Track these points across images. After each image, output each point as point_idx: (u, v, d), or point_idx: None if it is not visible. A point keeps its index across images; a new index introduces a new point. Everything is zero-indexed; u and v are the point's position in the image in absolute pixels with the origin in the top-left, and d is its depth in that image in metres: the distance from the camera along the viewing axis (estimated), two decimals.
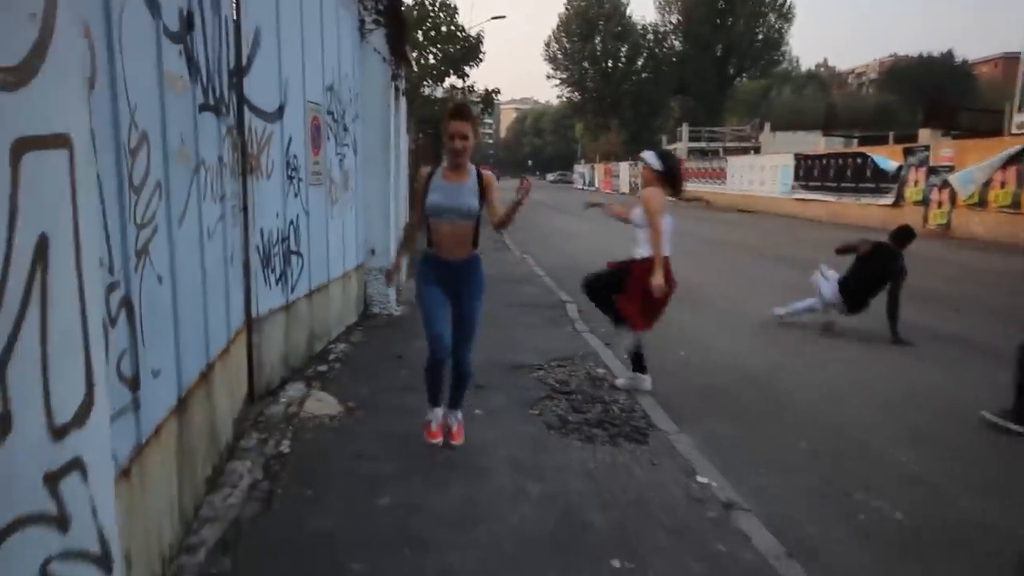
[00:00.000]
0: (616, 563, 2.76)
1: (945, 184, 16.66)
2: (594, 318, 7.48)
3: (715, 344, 6.62)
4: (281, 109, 4.72)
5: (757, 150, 39.95)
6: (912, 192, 18.07)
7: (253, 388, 4.35)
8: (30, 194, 1.19)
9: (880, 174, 19.29)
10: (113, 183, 2.07)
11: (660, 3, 63.29)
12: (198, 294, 3.01)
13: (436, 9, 31.45)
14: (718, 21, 60.58)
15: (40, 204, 1.22)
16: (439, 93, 29.72)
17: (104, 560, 1.42)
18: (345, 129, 6.42)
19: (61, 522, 1.26)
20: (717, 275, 10.64)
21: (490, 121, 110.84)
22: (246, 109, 4.15)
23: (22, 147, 1.18)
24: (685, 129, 49.07)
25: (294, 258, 5.04)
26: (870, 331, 6.84)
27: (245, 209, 4.12)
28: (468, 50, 31.21)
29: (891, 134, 27.71)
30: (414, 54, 25.69)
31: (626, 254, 4.98)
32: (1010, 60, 67.82)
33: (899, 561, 2.98)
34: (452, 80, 30.55)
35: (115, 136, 2.10)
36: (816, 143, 30.74)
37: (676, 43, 63.77)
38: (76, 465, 1.31)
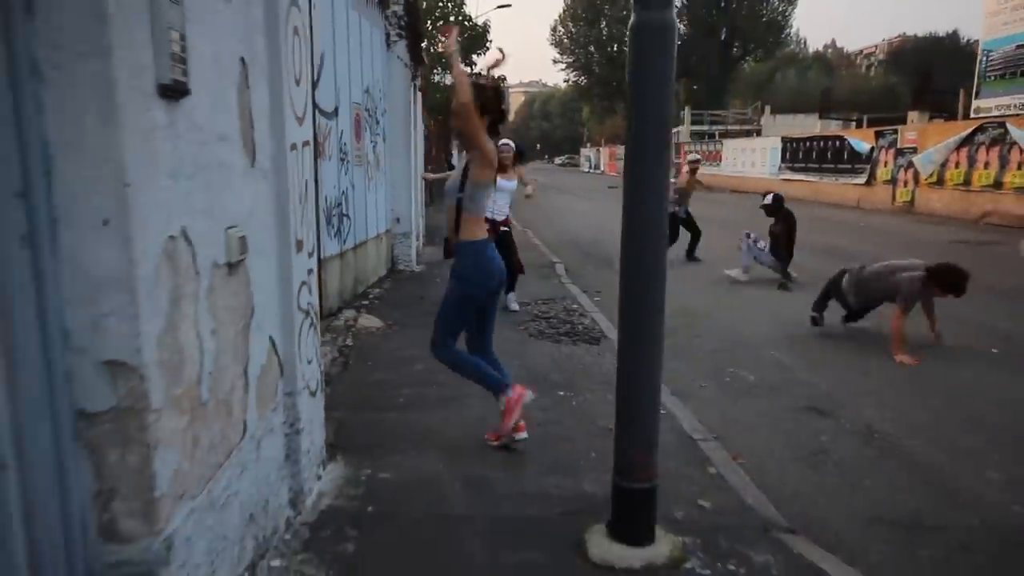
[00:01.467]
0: (562, 392, 4.56)
1: (910, 164, 18.27)
2: (577, 274, 9.29)
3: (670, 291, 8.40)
4: (336, 110, 6.49)
5: (759, 132, 41.18)
6: (882, 172, 19.68)
7: (321, 309, 6.16)
8: (297, 167, 2.94)
9: (855, 155, 20.91)
10: None
11: None
12: None
13: (444, 0, 33.12)
14: (722, 4, 61.18)
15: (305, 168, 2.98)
16: (448, 81, 31.40)
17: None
18: (377, 121, 8.19)
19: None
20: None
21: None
22: (316, 112, 5.94)
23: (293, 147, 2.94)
24: (687, 113, 50.39)
25: (345, 219, 6.83)
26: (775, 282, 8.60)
27: (316, 182, 5.91)
28: (475, 39, 32.91)
29: (865, 117, 29.21)
30: (424, 44, 27.44)
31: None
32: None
33: (737, 398, 4.76)
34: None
35: None
36: (813, 126, 32.15)
37: (681, 27, 64.35)
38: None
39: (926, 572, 2.74)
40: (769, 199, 8.91)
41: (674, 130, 31.69)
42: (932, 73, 32.36)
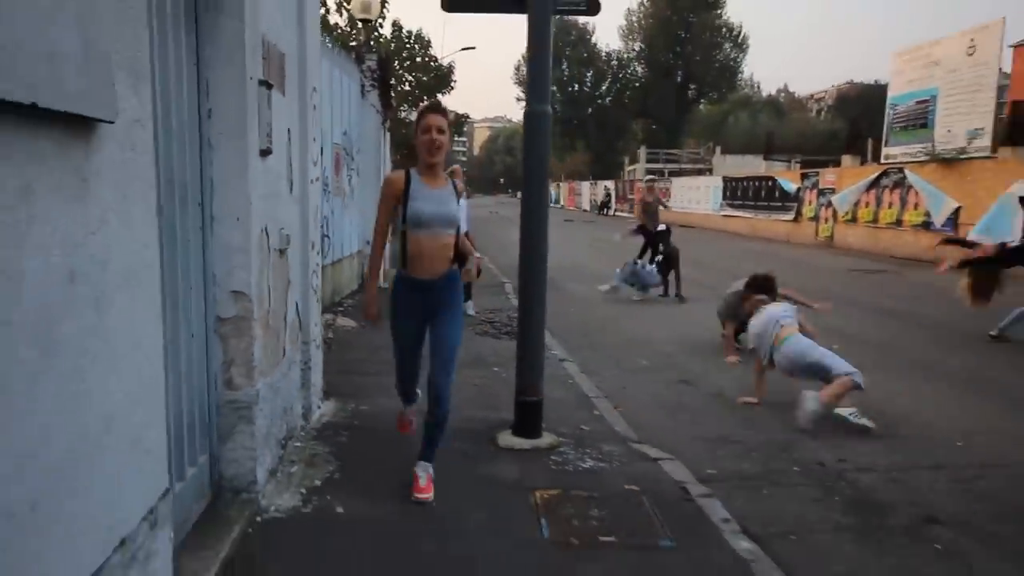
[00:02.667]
0: (496, 368, 6.03)
1: (829, 204, 20.34)
2: None
3: (594, 304, 9.98)
4: (321, 150, 7.95)
5: (710, 171, 43.43)
6: (807, 210, 21.74)
7: None
8: (313, 195, 4.40)
9: (784, 194, 22.98)
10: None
11: (623, 32, 66.92)
12: None
13: (412, 41, 34.96)
14: (678, 49, 63.87)
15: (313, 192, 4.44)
16: (413, 117, 33.17)
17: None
18: (352, 158, 9.67)
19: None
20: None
21: (463, 139, 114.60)
22: None
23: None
24: (643, 151, 52.85)
25: (326, 239, 8.25)
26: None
27: None
28: (440, 79, 34.81)
29: (800, 160, 31.54)
30: (391, 82, 29.11)
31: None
32: None
33: (629, 375, 6.27)
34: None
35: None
36: (759, 166, 34.39)
37: (639, 69, 67.18)
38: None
39: (717, 460, 4.25)
40: (663, 227, 10.70)
41: (628, 167, 33.67)
42: (861, 120, 35.24)
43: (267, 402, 3.27)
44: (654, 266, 10.41)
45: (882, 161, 19.98)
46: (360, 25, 11.31)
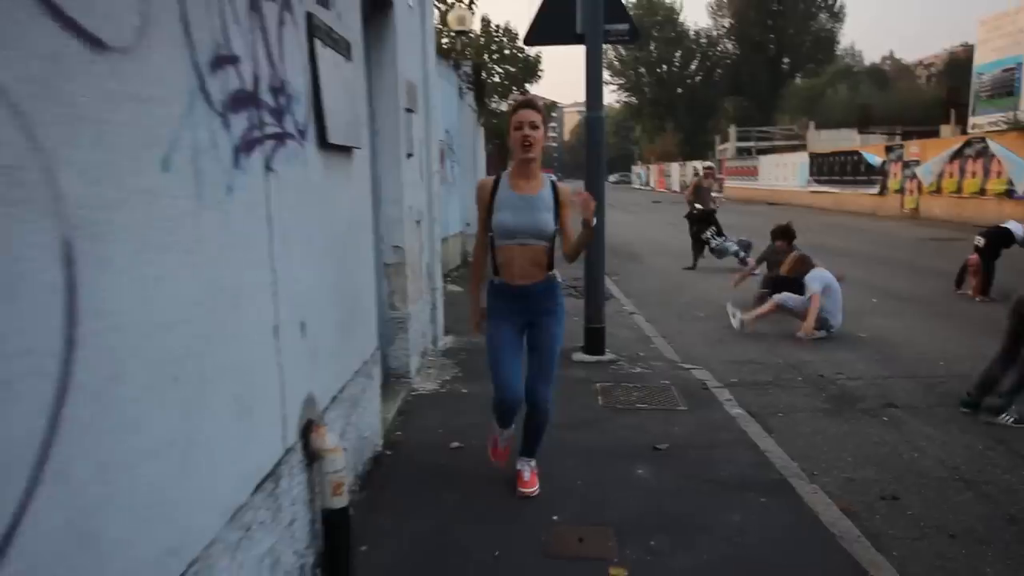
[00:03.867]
0: (576, 318, 7.54)
1: (914, 175, 20.58)
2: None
3: (673, 271, 11.30)
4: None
5: (804, 147, 42.99)
6: (892, 183, 21.97)
7: None
8: (434, 183, 6.04)
9: (870, 168, 23.22)
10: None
11: (712, 8, 66.09)
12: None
13: (500, 35, 36.66)
14: (770, 23, 62.46)
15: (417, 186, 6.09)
16: (504, 107, 34.88)
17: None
18: (453, 151, 11.35)
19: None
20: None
21: (554, 125, 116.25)
22: None
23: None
24: (733, 130, 52.56)
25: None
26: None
27: None
28: (528, 69, 36.48)
29: (890, 133, 30.99)
30: (482, 75, 31.01)
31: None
32: None
33: (686, 323, 7.63)
34: (515, 95, 35.66)
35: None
36: (854, 140, 34.06)
37: (729, 46, 66.18)
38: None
39: (738, 372, 5.60)
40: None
41: (720, 147, 34.36)
42: (962, 87, 33.97)
43: (414, 321, 4.93)
44: (723, 238, 11.59)
45: (969, 131, 20.03)
46: (456, 35, 12.95)
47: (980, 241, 8.06)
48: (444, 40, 13.01)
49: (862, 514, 3.27)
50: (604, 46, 5.55)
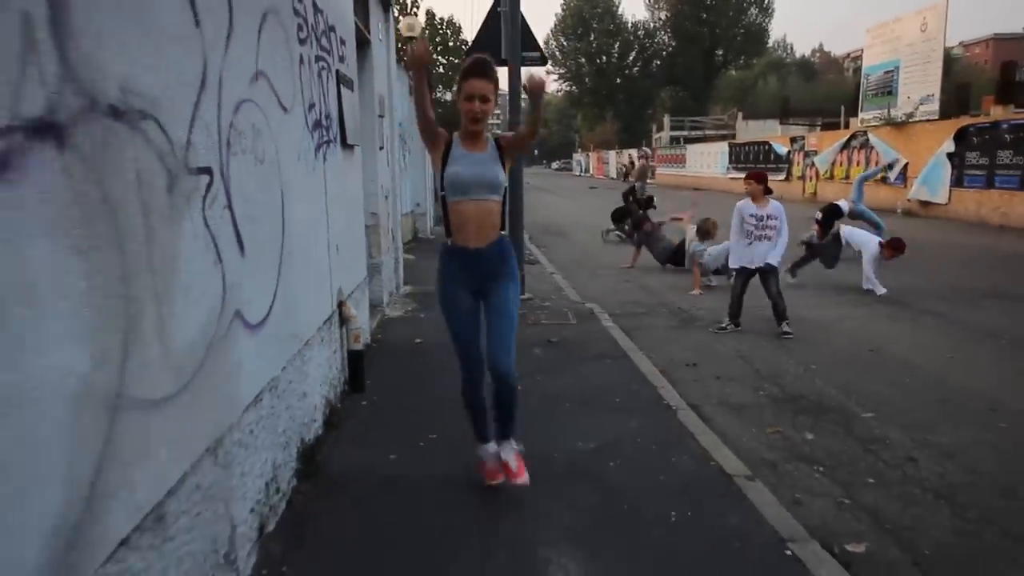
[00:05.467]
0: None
1: (813, 164, 23.28)
2: (537, 240, 14.27)
3: (591, 245, 13.42)
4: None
5: (734, 137, 45.75)
6: (796, 170, 24.69)
7: None
8: (395, 167, 7.96)
9: (778, 157, 25.91)
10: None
11: (649, 2, 68.47)
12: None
13: (444, 28, 38.34)
14: (704, 16, 64.94)
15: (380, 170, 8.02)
16: (448, 96, 36.64)
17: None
18: (404, 141, 13.22)
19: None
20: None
21: (497, 111, 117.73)
22: None
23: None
24: (667, 119, 55.24)
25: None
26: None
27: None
28: None
29: (811, 123, 33.94)
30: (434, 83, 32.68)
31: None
32: (1001, 41, 72.55)
33: (605, 287, 9.75)
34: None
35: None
36: (776, 130, 36.81)
37: (665, 38, 68.63)
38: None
39: (621, 307, 7.71)
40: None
41: (655, 135, 36.72)
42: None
43: (385, 267, 6.88)
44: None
45: (859, 125, 22.80)
46: (407, 40, 14.72)
47: (818, 215, 10.37)
48: (396, 44, 14.82)
49: (668, 370, 5.38)
50: (545, 36, 7.53)
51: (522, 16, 7.42)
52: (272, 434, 2.94)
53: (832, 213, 10.36)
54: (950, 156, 16.83)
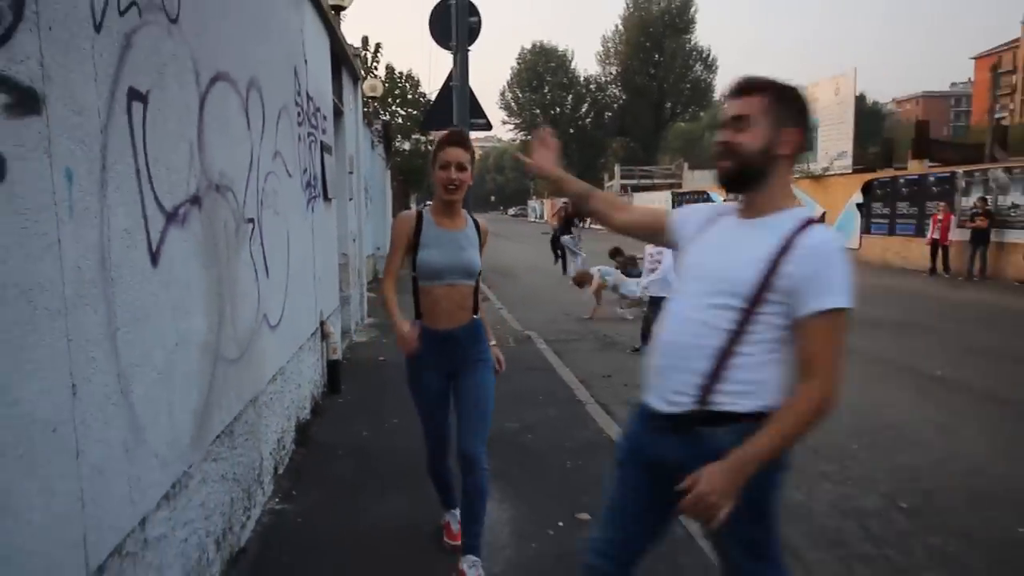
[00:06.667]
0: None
1: None
2: (488, 280, 15.61)
3: (549, 286, 14.79)
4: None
5: (680, 186, 48.02)
6: None
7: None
8: (361, 215, 9.22)
9: None
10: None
11: (600, 57, 71.62)
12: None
13: (403, 81, 40.00)
14: (652, 71, 68.14)
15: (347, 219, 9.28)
16: (407, 146, 38.10)
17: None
18: (367, 191, 14.50)
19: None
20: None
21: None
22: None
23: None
24: (618, 169, 57.67)
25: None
26: None
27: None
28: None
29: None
30: (386, 117, 34.27)
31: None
32: (931, 98, 76.92)
33: (538, 313, 11.06)
34: (416, 136, 38.96)
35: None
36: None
37: (616, 91, 71.66)
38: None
39: (555, 333, 9.00)
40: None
41: (607, 184, 38.62)
42: None
43: (352, 300, 8.08)
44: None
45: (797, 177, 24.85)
46: (368, 100, 16.17)
47: None
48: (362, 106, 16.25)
49: (586, 379, 6.65)
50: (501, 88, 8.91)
51: (470, 89, 8.82)
52: (281, 405, 4.12)
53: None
54: (859, 206, 18.78)
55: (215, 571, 2.83)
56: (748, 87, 1.80)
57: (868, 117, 69.03)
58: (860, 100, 69.61)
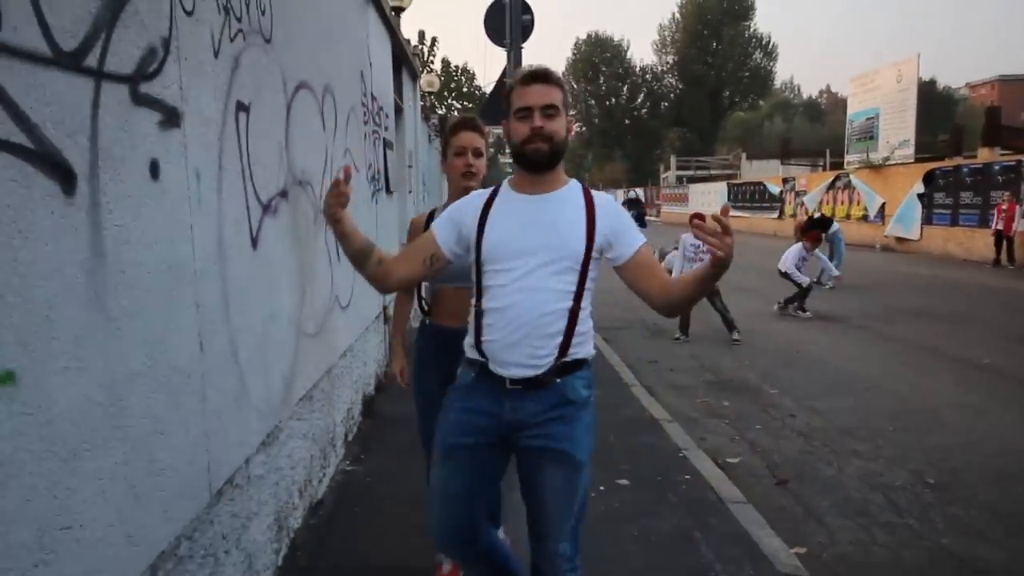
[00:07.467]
0: None
1: (803, 202, 24.91)
2: None
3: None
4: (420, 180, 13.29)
5: (737, 176, 47.36)
6: (788, 208, 26.32)
7: None
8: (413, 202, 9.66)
9: (772, 196, 27.57)
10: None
11: (657, 46, 70.89)
12: None
13: (459, 75, 40.56)
14: (709, 60, 67.13)
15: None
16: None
17: None
18: (424, 184, 15.00)
19: None
20: None
21: (509, 161, 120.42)
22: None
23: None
24: (673, 160, 57.15)
25: None
26: None
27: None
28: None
29: (812, 164, 35.66)
30: (442, 111, 34.85)
31: None
32: (1006, 83, 74.07)
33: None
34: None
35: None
36: (779, 170, 38.50)
37: (672, 81, 70.87)
38: None
39: (609, 324, 9.29)
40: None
41: (664, 175, 38.50)
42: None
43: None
44: None
45: (844, 167, 24.49)
46: (425, 95, 16.67)
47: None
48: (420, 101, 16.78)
49: (633, 364, 6.95)
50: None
51: None
52: (350, 379, 4.56)
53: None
54: (920, 197, 18.42)
55: (299, 515, 3.27)
56: (553, 78, 2.01)
57: (939, 103, 66.69)
58: (930, 85, 67.55)
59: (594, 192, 2.11)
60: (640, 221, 15.61)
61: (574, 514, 2.08)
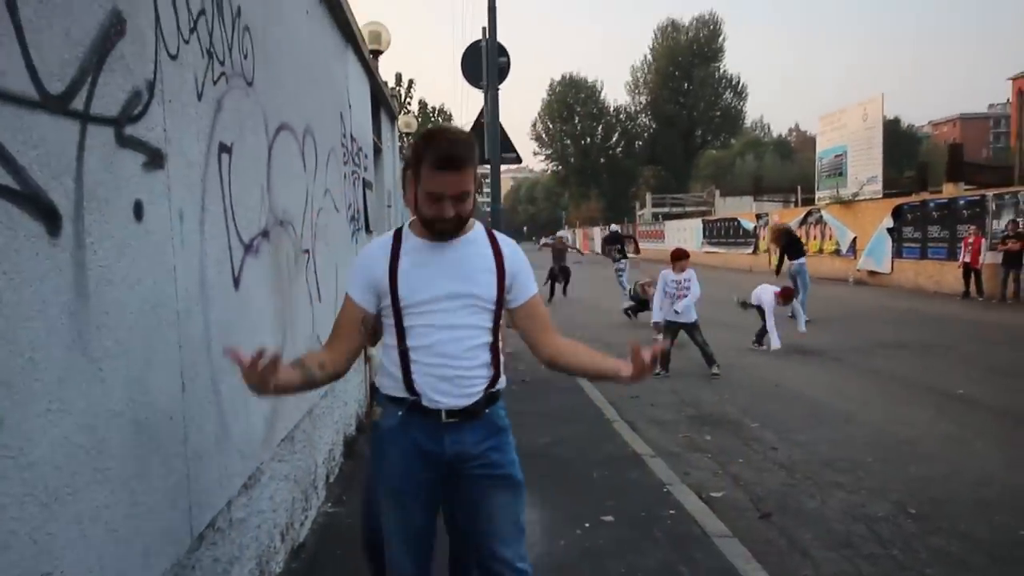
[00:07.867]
0: None
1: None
2: None
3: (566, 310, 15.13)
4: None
5: (711, 212, 48.03)
6: (762, 244, 26.71)
7: None
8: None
9: (745, 232, 27.99)
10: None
11: (630, 87, 72.32)
12: None
13: (436, 116, 41.04)
14: (681, 100, 68.63)
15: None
16: None
17: None
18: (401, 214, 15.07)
19: None
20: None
21: (487, 189, 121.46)
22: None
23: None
24: (649, 197, 57.94)
25: None
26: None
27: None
28: None
29: (784, 200, 36.36)
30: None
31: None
32: (967, 120, 75.71)
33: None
34: None
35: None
36: (751, 207, 39.17)
37: (646, 120, 72.19)
38: None
39: None
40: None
41: (639, 212, 38.92)
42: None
43: None
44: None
45: (816, 202, 25.00)
46: (403, 136, 16.82)
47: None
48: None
49: (614, 400, 6.95)
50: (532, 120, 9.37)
51: (501, 126, 9.31)
52: (330, 420, 4.52)
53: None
54: (889, 231, 18.83)
55: (280, 559, 3.20)
56: (466, 162, 1.94)
57: (904, 140, 68.68)
58: (895, 124, 69.49)
59: (497, 234, 2.20)
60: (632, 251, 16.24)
61: (521, 528, 2.21)
